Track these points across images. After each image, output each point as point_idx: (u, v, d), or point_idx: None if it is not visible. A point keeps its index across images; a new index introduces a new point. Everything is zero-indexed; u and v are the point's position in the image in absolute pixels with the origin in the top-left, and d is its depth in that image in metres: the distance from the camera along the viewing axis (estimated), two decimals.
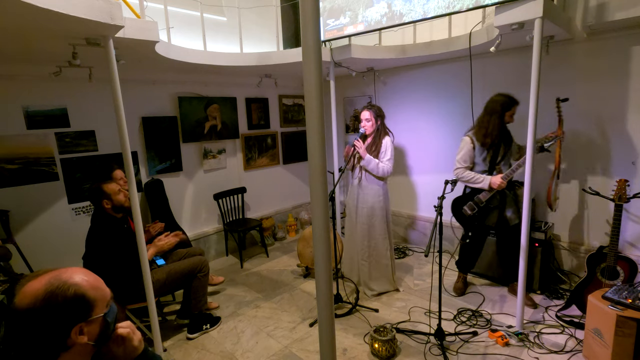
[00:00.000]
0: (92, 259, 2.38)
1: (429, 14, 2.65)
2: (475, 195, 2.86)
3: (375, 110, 3.00)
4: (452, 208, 3.00)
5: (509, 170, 2.68)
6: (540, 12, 2.08)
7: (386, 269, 3.14)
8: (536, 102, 2.20)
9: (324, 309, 1.11)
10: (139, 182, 3.58)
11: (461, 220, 2.99)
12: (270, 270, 3.84)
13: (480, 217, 2.88)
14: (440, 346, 2.39)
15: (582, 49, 2.90)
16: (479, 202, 2.84)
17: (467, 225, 2.99)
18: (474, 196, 2.87)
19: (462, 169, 2.84)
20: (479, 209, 2.86)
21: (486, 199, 2.82)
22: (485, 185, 2.74)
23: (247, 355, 2.48)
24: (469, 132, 2.88)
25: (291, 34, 4.05)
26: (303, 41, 0.96)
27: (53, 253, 3.10)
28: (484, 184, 2.74)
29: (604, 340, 2.09)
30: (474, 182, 2.79)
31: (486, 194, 2.81)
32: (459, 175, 2.85)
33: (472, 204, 2.88)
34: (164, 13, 2.88)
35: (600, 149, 2.90)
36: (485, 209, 2.85)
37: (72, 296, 0.81)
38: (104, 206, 2.38)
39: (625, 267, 2.36)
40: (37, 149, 2.98)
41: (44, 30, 1.91)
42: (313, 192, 1.04)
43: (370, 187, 3.02)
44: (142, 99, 3.55)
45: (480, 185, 2.77)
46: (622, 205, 2.32)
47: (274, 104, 4.72)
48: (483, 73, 3.44)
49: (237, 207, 4.31)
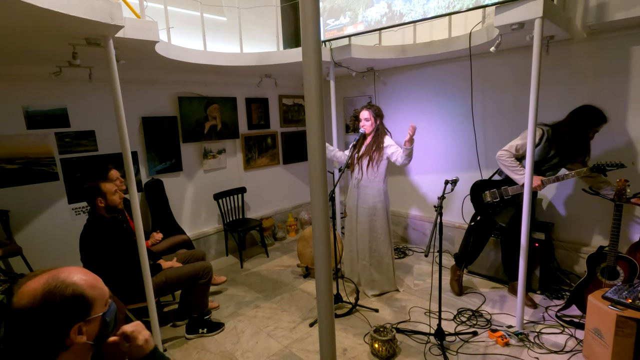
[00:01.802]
0: (90, 259, 2.38)
1: (429, 14, 2.64)
2: (503, 186, 2.79)
3: (375, 109, 3.00)
4: (471, 189, 2.93)
5: (554, 176, 2.60)
6: (540, 12, 2.08)
7: (387, 269, 3.14)
8: (536, 102, 2.20)
9: (324, 309, 1.11)
10: (139, 182, 3.58)
11: (476, 204, 2.93)
12: (270, 270, 3.84)
13: (495, 208, 2.83)
14: (440, 346, 2.39)
15: (582, 49, 2.90)
16: (505, 193, 2.78)
17: (480, 211, 2.92)
18: (501, 186, 2.79)
19: (510, 154, 2.65)
20: (500, 199, 2.79)
21: (514, 193, 2.74)
22: (522, 181, 2.60)
23: (247, 355, 2.48)
24: (542, 125, 2.65)
25: (291, 34, 4.05)
26: (303, 41, 0.97)
27: (53, 253, 3.11)
28: (521, 178, 2.59)
29: (604, 340, 2.09)
30: (514, 171, 2.64)
31: (517, 189, 2.72)
32: (502, 158, 2.68)
33: (496, 192, 2.80)
34: (164, 13, 2.88)
35: (600, 149, 2.90)
36: (505, 202, 2.79)
37: (70, 295, 0.81)
38: (97, 204, 2.36)
39: (625, 267, 2.36)
40: (37, 149, 2.98)
41: (44, 30, 1.91)
42: (313, 192, 1.04)
43: (370, 187, 3.02)
44: (142, 99, 3.55)
45: (518, 178, 2.63)
46: (622, 205, 2.32)
47: (274, 104, 4.72)
48: (483, 73, 3.44)
49: (237, 207, 4.31)
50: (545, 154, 2.64)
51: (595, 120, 2.55)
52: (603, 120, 2.56)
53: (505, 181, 2.82)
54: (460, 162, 3.78)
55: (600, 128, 2.59)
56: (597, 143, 2.87)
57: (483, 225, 2.98)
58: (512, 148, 2.67)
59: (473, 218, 3.02)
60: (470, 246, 3.06)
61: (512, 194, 2.76)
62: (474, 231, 3.03)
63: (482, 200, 2.88)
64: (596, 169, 2.51)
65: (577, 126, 2.57)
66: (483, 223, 2.96)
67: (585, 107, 2.59)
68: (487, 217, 2.91)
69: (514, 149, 2.66)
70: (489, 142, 3.52)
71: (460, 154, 3.76)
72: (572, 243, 3.17)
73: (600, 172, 2.54)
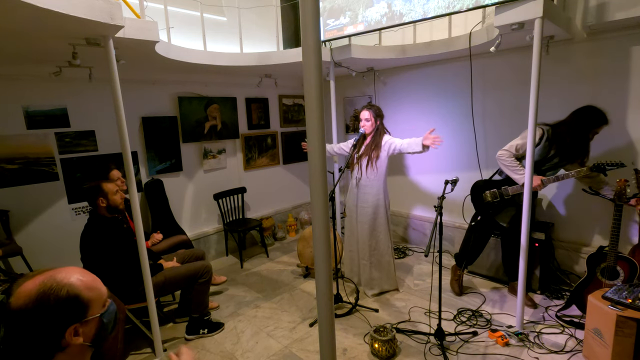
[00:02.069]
0: (90, 259, 2.38)
1: (429, 14, 2.64)
2: (503, 186, 2.79)
3: (375, 110, 3.00)
4: (472, 189, 2.94)
5: (554, 176, 2.60)
6: (540, 12, 2.08)
7: (387, 269, 3.14)
8: (536, 102, 2.20)
9: (324, 309, 1.11)
10: (139, 182, 3.58)
11: (476, 204, 2.93)
12: (270, 270, 3.84)
13: (496, 208, 2.83)
14: (440, 346, 2.39)
15: (582, 49, 2.90)
16: (505, 194, 2.78)
17: (480, 210, 2.92)
18: (502, 186, 2.80)
19: (510, 154, 2.65)
20: (500, 199, 2.80)
21: (514, 193, 2.74)
22: (522, 181, 2.60)
23: (247, 355, 2.48)
24: (542, 125, 2.64)
25: (291, 34, 4.05)
26: (303, 41, 0.96)
27: (53, 253, 3.11)
28: (522, 177, 2.59)
29: (604, 340, 2.09)
30: (514, 171, 2.64)
31: (517, 189, 2.72)
32: (502, 158, 2.68)
33: (497, 192, 2.80)
34: (164, 13, 2.88)
35: (600, 148, 2.89)
36: (505, 202, 2.79)
37: (65, 297, 0.80)
38: (98, 204, 2.37)
39: (625, 267, 2.36)
40: (37, 149, 2.98)
41: (44, 30, 1.91)
42: (313, 192, 1.04)
43: (370, 187, 3.02)
44: (142, 99, 3.55)
45: (518, 178, 2.63)
46: (622, 205, 2.32)
47: (274, 104, 4.72)
48: (483, 73, 3.44)
49: (237, 207, 4.31)
50: (545, 154, 2.64)
51: (596, 121, 2.55)
52: (604, 122, 2.55)
53: (505, 181, 2.82)
54: (460, 162, 3.78)
55: (600, 130, 2.59)
56: (597, 143, 2.87)
57: (484, 225, 2.98)
58: (512, 148, 2.67)
59: (474, 218, 3.02)
60: (470, 246, 3.05)
61: (513, 194, 2.76)
62: (474, 231, 3.03)
63: (482, 200, 2.88)
64: (596, 169, 2.51)
65: (578, 126, 2.57)
66: (483, 223, 2.96)
67: (587, 107, 2.59)
68: (488, 217, 2.91)
69: (514, 149, 2.66)
70: (489, 142, 3.52)
71: (460, 154, 3.76)
72: (572, 243, 3.17)
73: (600, 172, 2.54)
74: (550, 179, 2.62)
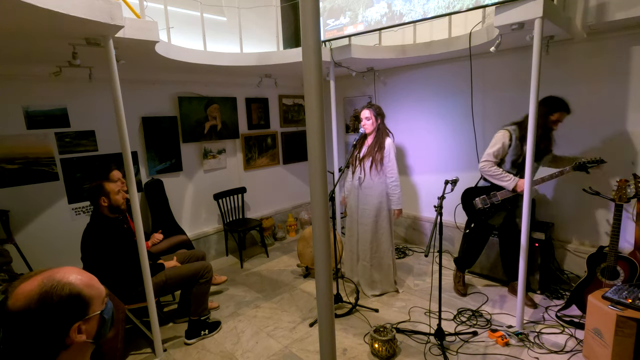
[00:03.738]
0: (90, 259, 2.38)
1: (429, 14, 2.64)
2: (492, 192, 2.81)
3: (375, 109, 2.99)
4: (462, 197, 2.95)
5: (539, 178, 2.64)
6: (540, 12, 2.08)
7: (388, 269, 3.14)
8: (536, 102, 2.21)
9: (324, 309, 1.11)
10: (139, 182, 3.58)
11: (468, 211, 2.95)
12: (270, 270, 3.84)
13: (488, 214, 2.84)
14: (440, 346, 2.39)
15: (582, 49, 2.90)
16: (495, 199, 2.79)
17: (473, 218, 2.94)
18: (490, 192, 2.81)
19: (491, 162, 2.72)
20: (491, 205, 2.81)
21: (503, 198, 2.76)
22: (511, 186, 2.66)
23: (247, 355, 2.48)
24: (507, 126, 2.75)
25: (291, 34, 4.05)
26: (303, 41, 0.96)
27: (53, 253, 3.10)
28: (509, 184, 2.66)
29: (604, 340, 2.09)
30: (500, 179, 2.69)
31: (505, 194, 2.75)
32: (485, 169, 2.74)
33: (486, 198, 2.82)
34: (164, 13, 2.88)
35: (601, 148, 2.90)
36: (496, 207, 2.81)
37: (67, 295, 0.81)
38: (100, 204, 2.37)
39: (625, 267, 2.36)
40: (37, 149, 2.98)
41: (44, 30, 1.91)
42: (313, 192, 1.04)
43: (373, 188, 3.01)
44: (142, 99, 3.55)
45: (506, 185, 2.68)
46: (622, 205, 2.32)
47: (274, 104, 4.72)
48: (483, 73, 3.44)
49: (237, 207, 4.31)
50: (520, 152, 2.69)
51: (552, 107, 2.59)
52: (560, 109, 2.59)
53: (493, 187, 2.84)
54: (460, 162, 3.78)
55: (560, 117, 2.61)
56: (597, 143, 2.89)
57: (478, 231, 3.00)
58: (490, 157, 2.74)
59: (467, 225, 3.04)
60: (468, 252, 3.09)
61: (502, 199, 2.79)
62: (469, 238, 3.06)
63: (473, 208, 2.91)
64: (578, 168, 2.59)
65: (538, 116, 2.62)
66: (478, 229, 2.99)
67: (546, 97, 2.65)
68: (481, 223, 2.93)
69: (493, 157, 2.73)
70: (489, 142, 3.49)
71: (460, 154, 3.76)
72: (572, 243, 3.17)
73: (582, 170, 2.60)
74: (536, 181, 2.64)
